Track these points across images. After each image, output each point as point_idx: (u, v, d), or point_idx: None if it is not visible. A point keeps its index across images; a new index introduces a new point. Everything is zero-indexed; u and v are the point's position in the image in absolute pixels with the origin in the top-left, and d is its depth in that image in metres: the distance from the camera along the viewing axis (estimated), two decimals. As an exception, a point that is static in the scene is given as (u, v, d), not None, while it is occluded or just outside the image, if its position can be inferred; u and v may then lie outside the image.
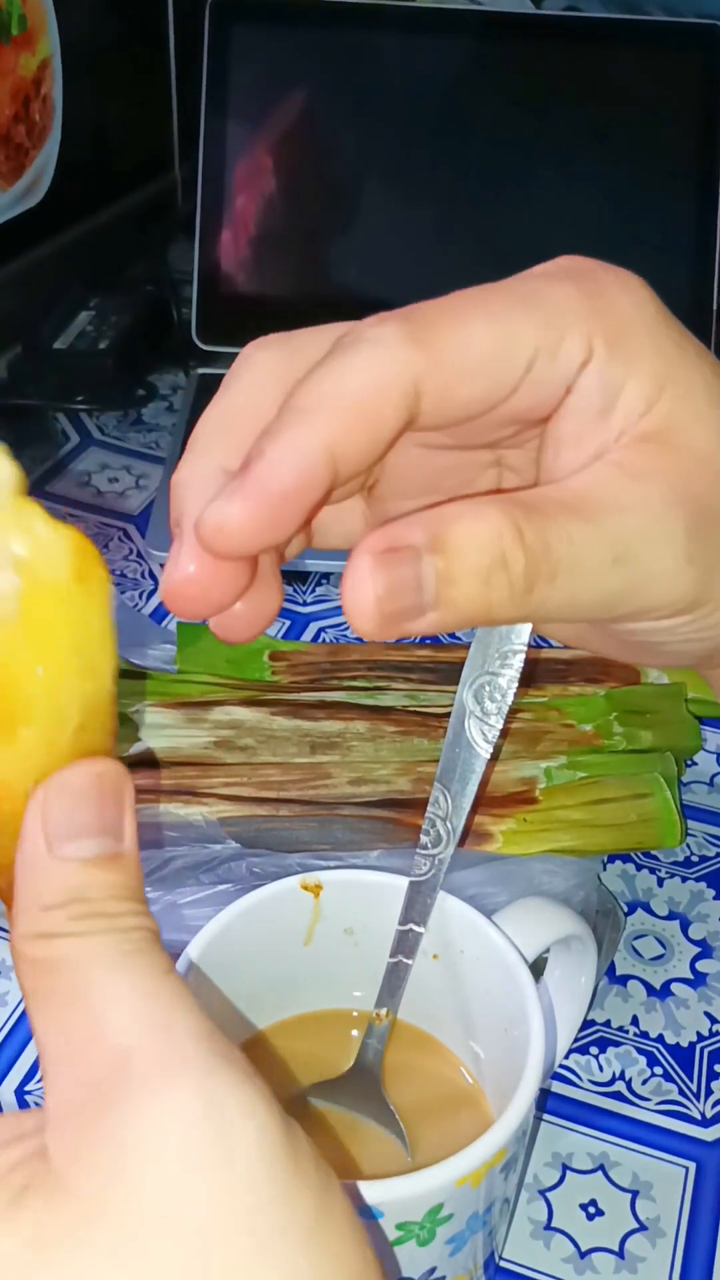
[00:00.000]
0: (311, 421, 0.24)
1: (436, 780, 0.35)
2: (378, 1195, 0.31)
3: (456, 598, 0.25)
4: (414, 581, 0.24)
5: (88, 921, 0.23)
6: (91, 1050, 0.21)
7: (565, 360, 0.26)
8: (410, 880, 0.37)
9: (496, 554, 0.25)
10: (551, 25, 0.82)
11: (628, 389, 0.27)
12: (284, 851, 0.48)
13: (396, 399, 0.25)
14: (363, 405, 0.25)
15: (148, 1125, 0.20)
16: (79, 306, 0.86)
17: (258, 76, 0.79)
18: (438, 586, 0.24)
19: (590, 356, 0.26)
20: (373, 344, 0.25)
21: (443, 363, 0.25)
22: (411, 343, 0.25)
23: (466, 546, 0.24)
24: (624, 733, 0.55)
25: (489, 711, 0.33)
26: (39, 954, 0.22)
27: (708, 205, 0.78)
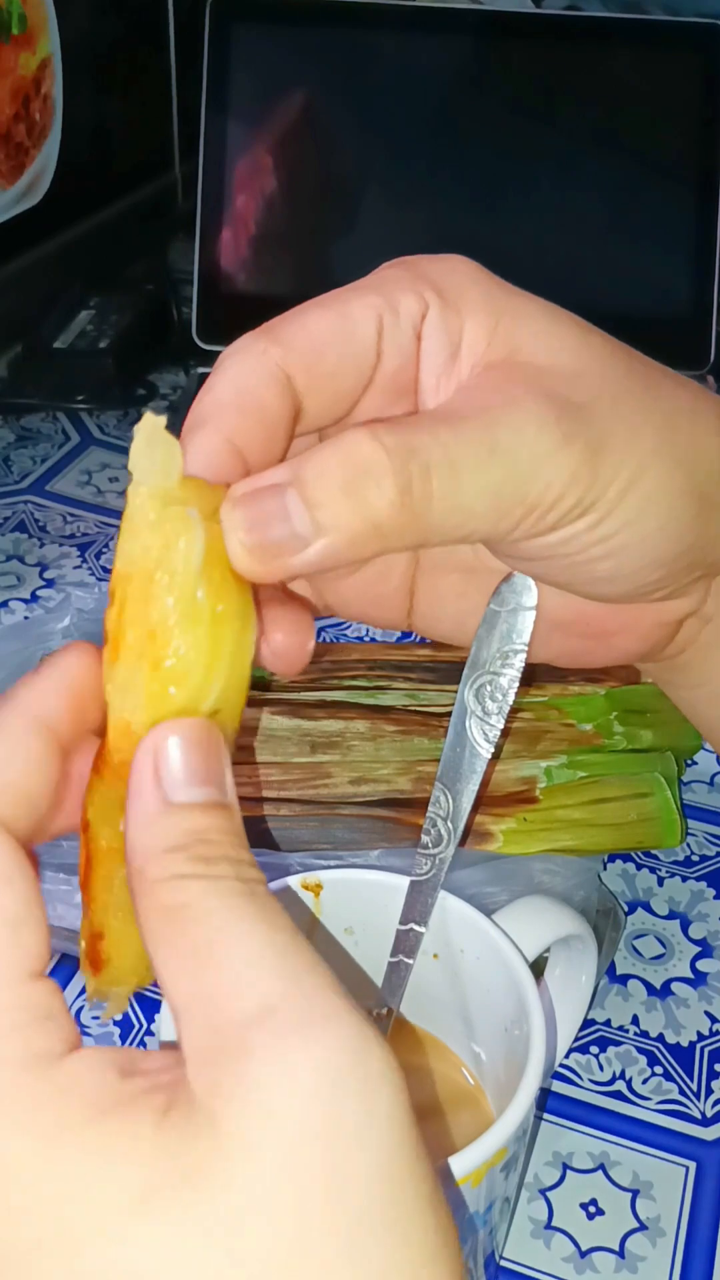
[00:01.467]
0: (204, 427, 0.27)
1: (437, 780, 0.35)
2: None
3: (331, 518, 0.25)
4: (278, 512, 0.25)
5: (214, 865, 0.23)
6: (232, 999, 0.21)
7: (406, 314, 0.29)
8: (411, 880, 0.37)
9: (357, 462, 0.25)
10: (552, 24, 0.82)
11: (467, 329, 0.29)
12: (284, 851, 0.48)
13: (269, 384, 0.27)
14: (241, 398, 0.27)
15: (297, 1069, 0.20)
16: (79, 306, 0.86)
17: (258, 76, 0.79)
18: (310, 514, 0.25)
19: (427, 308, 0.29)
20: (234, 352, 0.28)
21: (295, 346, 0.28)
22: (264, 338, 0.28)
23: (326, 466, 0.25)
24: (624, 732, 0.55)
25: (490, 711, 0.33)
26: (168, 899, 0.22)
27: (708, 205, 0.78)
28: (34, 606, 0.67)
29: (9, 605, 0.67)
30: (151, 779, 0.24)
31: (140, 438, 0.24)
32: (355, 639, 0.66)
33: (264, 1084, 0.20)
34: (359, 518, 0.25)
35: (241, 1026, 0.21)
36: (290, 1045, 0.20)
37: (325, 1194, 0.20)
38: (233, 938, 0.22)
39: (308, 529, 0.25)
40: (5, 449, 0.80)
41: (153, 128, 1.01)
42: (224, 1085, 0.20)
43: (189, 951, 0.22)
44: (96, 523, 0.74)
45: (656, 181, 0.79)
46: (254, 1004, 0.21)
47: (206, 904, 0.22)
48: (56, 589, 0.68)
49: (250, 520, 0.25)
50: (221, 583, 0.25)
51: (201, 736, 0.24)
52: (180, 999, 0.22)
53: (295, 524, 0.25)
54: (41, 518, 0.74)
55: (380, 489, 0.25)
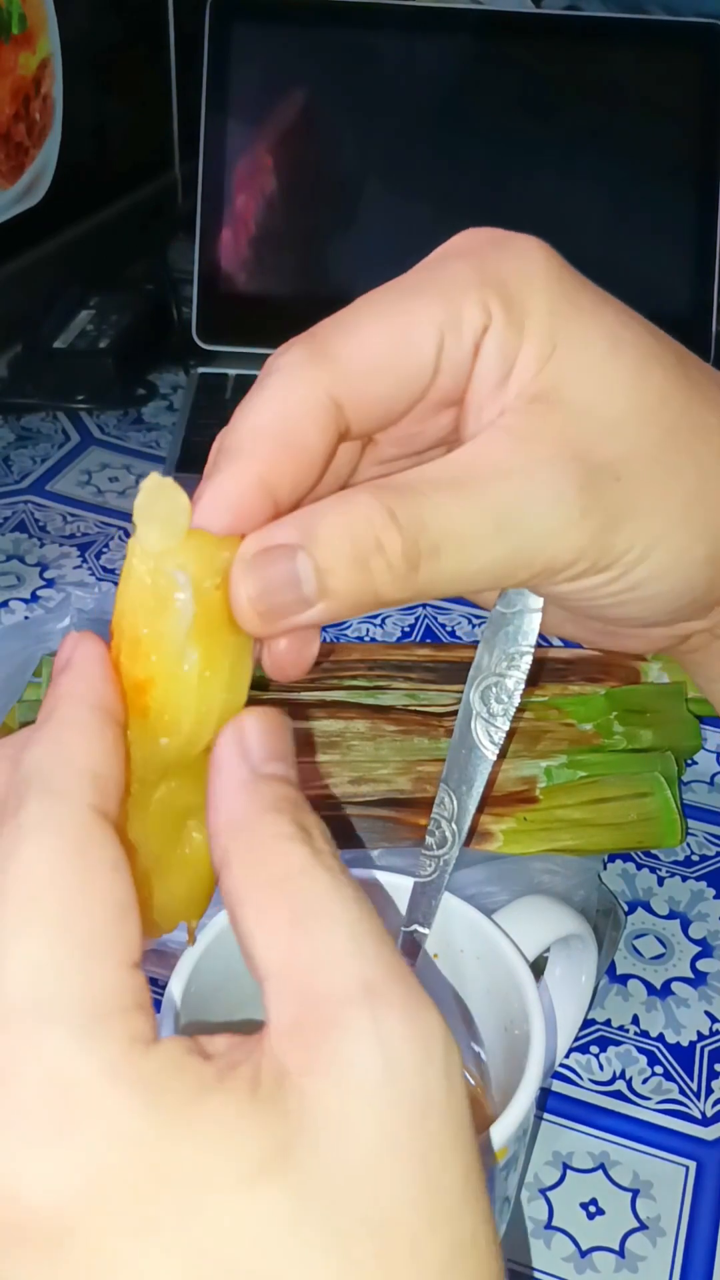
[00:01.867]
0: (240, 460, 0.26)
1: (442, 781, 0.35)
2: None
3: (338, 587, 0.26)
4: (289, 577, 0.25)
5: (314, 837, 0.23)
6: (332, 973, 0.21)
7: (469, 329, 0.27)
8: (415, 881, 0.37)
9: (369, 539, 0.25)
10: (552, 24, 0.82)
11: (523, 352, 0.27)
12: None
13: (315, 417, 0.26)
14: (284, 433, 0.26)
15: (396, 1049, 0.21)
16: (79, 306, 0.86)
17: (258, 76, 0.79)
18: (317, 579, 0.25)
19: (490, 321, 0.27)
20: (280, 373, 0.26)
21: (350, 370, 0.26)
22: (314, 361, 0.26)
23: (338, 536, 0.25)
24: (624, 732, 0.55)
25: (495, 713, 0.33)
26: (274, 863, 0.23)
27: (708, 205, 0.78)
28: (34, 606, 0.67)
29: (9, 605, 0.67)
30: (237, 753, 0.24)
31: (145, 490, 0.24)
32: (355, 639, 0.66)
33: (361, 1064, 0.20)
34: (364, 589, 0.26)
35: (340, 1001, 0.21)
36: (390, 1026, 0.21)
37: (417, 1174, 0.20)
38: (337, 913, 0.22)
39: (314, 593, 0.25)
40: (5, 449, 0.80)
41: (153, 128, 1.01)
42: (319, 1061, 0.21)
43: (288, 918, 0.22)
44: (96, 523, 0.74)
45: (656, 181, 0.79)
46: (355, 980, 0.21)
47: (313, 874, 0.23)
48: (56, 589, 0.68)
49: (262, 585, 0.25)
50: (215, 633, 0.25)
51: (275, 720, 0.25)
52: (273, 965, 0.22)
53: (304, 588, 0.25)
54: (41, 518, 0.74)
55: (389, 565, 0.26)
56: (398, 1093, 0.20)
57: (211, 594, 0.25)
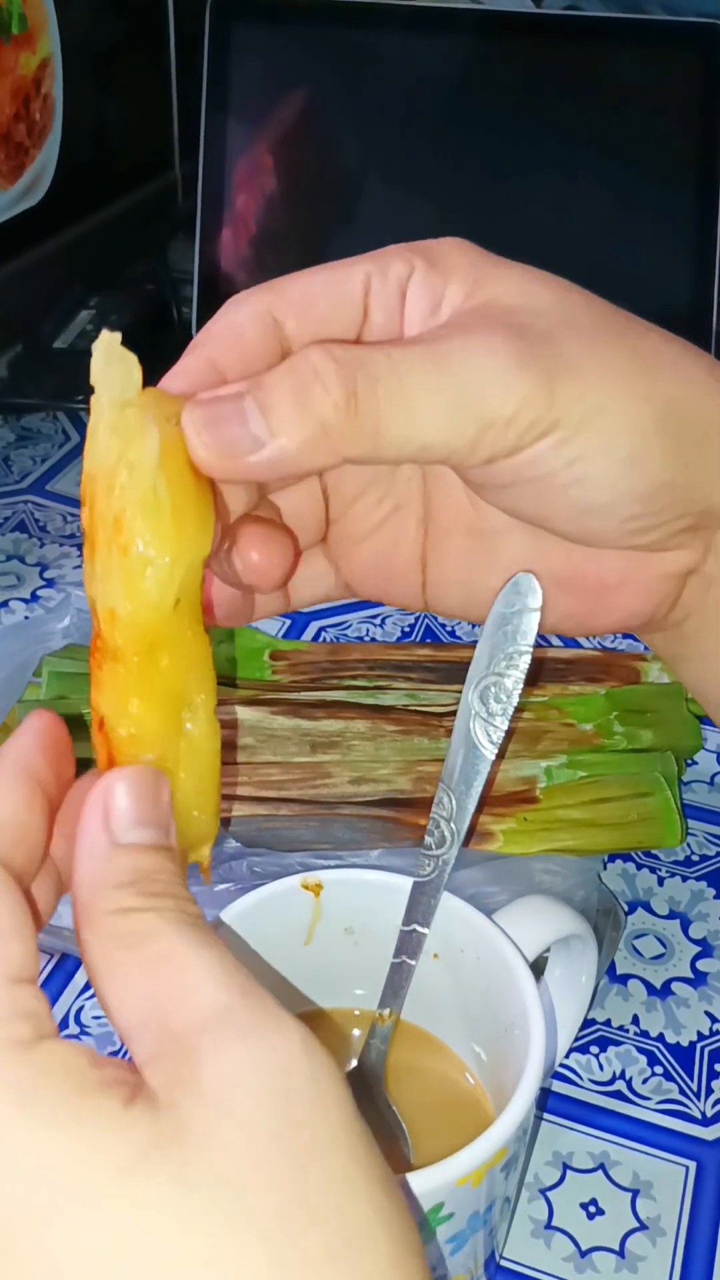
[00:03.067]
0: (193, 351, 0.30)
1: (441, 781, 0.35)
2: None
3: (282, 421, 0.27)
4: (236, 413, 0.27)
5: (160, 900, 0.24)
6: (187, 1006, 0.22)
7: (394, 276, 0.31)
8: (414, 881, 0.37)
9: (307, 370, 0.27)
10: (552, 24, 0.81)
11: (449, 286, 0.31)
12: (284, 851, 0.48)
13: (254, 321, 0.30)
14: (228, 330, 0.30)
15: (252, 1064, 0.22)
16: (79, 306, 0.86)
17: (258, 75, 0.79)
18: (262, 415, 0.27)
19: (413, 270, 0.31)
20: (233, 300, 0.31)
21: (287, 294, 0.30)
22: (260, 288, 0.31)
23: (278, 375, 0.28)
24: (624, 732, 0.55)
25: (494, 713, 0.33)
26: (119, 928, 0.24)
27: (708, 205, 0.78)
28: (34, 606, 0.67)
29: (9, 605, 0.67)
30: (100, 820, 0.26)
31: (99, 354, 0.27)
32: (355, 639, 0.66)
33: (223, 1076, 0.21)
34: (308, 421, 0.27)
35: (198, 1029, 0.22)
36: (247, 1042, 0.22)
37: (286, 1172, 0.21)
38: (186, 952, 0.23)
39: (262, 431, 0.27)
40: (5, 449, 0.80)
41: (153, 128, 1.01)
42: (183, 1079, 0.22)
43: (139, 969, 0.23)
44: (96, 523, 0.74)
45: (656, 181, 0.79)
46: (209, 1008, 0.22)
47: (157, 927, 0.24)
48: (56, 589, 0.68)
49: (208, 418, 0.27)
50: (178, 476, 0.27)
51: (147, 783, 0.26)
52: (132, 1017, 0.23)
53: (251, 426, 0.27)
54: (41, 518, 0.74)
55: (327, 393, 0.27)
56: (259, 1102, 0.21)
57: (171, 430, 0.27)
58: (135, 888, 0.24)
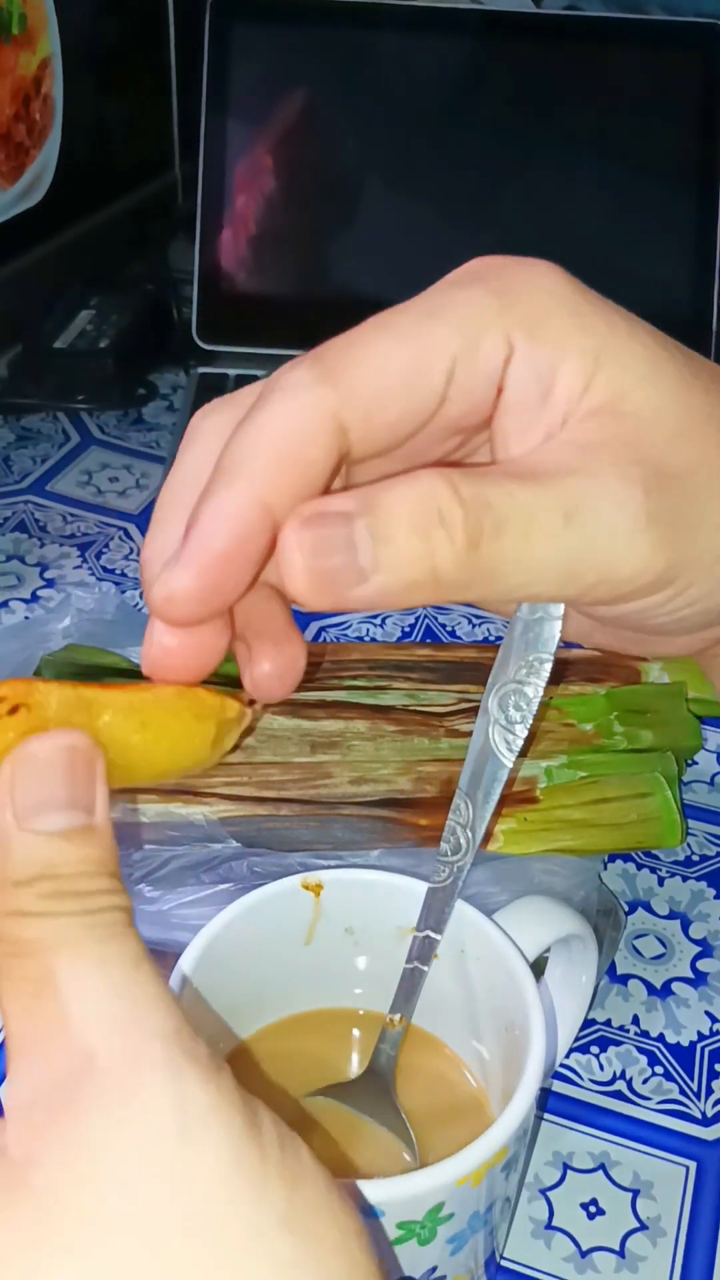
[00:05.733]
0: (239, 479, 0.25)
1: (459, 787, 0.35)
2: (379, 1194, 0.31)
3: (395, 557, 0.24)
4: (344, 541, 0.24)
5: (58, 901, 0.22)
6: (56, 1045, 0.21)
7: (487, 361, 0.26)
8: (429, 887, 0.37)
9: (431, 508, 0.24)
10: (552, 24, 0.82)
11: (562, 371, 0.26)
12: (284, 851, 0.48)
13: (320, 439, 0.25)
14: (287, 453, 0.25)
15: (111, 1128, 0.20)
16: (79, 306, 0.86)
17: (258, 76, 0.79)
18: (374, 547, 0.24)
19: (513, 351, 0.26)
20: (286, 390, 0.25)
21: (358, 393, 0.25)
22: (323, 381, 0.25)
23: (399, 504, 0.24)
24: (624, 732, 0.55)
25: (514, 720, 0.33)
26: (10, 932, 0.22)
27: (708, 205, 0.78)
28: (34, 606, 0.67)
29: (9, 605, 0.67)
30: (7, 799, 0.23)
31: None
32: (355, 639, 0.66)
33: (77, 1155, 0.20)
34: (422, 561, 0.24)
35: (62, 1082, 0.21)
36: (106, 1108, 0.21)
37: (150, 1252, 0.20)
38: (63, 976, 0.22)
39: (369, 563, 0.24)
40: (5, 449, 0.80)
41: (153, 128, 1.01)
42: (38, 1158, 0.20)
43: (25, 988, 0.22)
44: (96, 523, 0.74)
45: (656, 181, 0.79)
46: (77, 1053, 0.21)
47: (45, 942, 0.22)
48: (56, 589, 0.68)
49: (317, 544, 0.24)
50: None
51: (57, 758, 0.23)
52: (16, 1042, 0.22)
53: (359, 556, 0.24)
54: (41, 518, 0.74)
55: (449, 540, 0.24)
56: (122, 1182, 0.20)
57: None
58: (35, 887, 0.22)
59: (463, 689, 0.56)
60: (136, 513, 0.75)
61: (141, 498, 0.76)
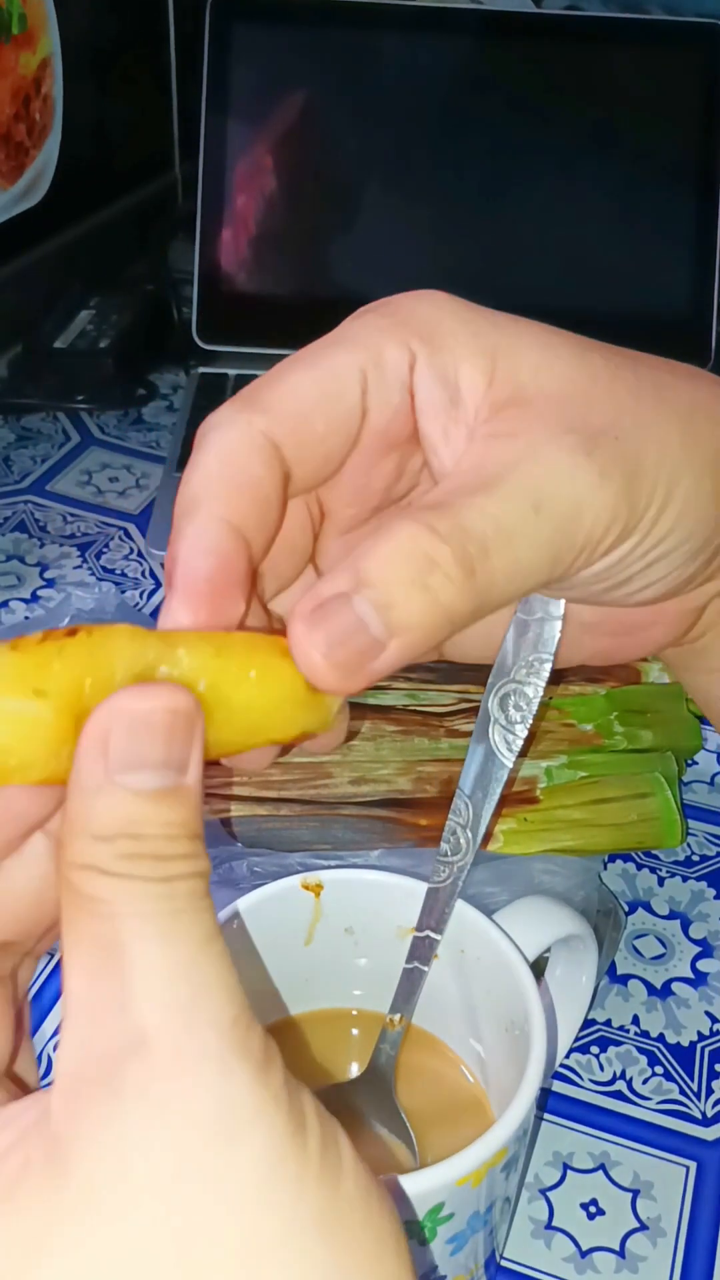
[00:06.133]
0: (199, 510, 0.26)
1: (459, 787, 0.35)
2: (379, 1194, 0.31)
3: (407, 618, 0.25)
4: (356, 624, 0.25)
5: (136, 864, 0.22)
6: (112, 1017, 0.21)
7: (393, 369, 0.28)
8: (429, 887, 0.37)
9: (420, 557, 0.25)
10: (552, 24, 0.82)
11: (463, 371, 0.28)
12: (284, 851, 0.48)
13: (257, 456, 0.27)
14: (231, 474, 0.26)
15: (153, 1120, 0.20)
16: (79, 306, 0.86)
17: (258, 76, 0.79)
18: (382, 616, 0.25)
19: (414, 358, 0.28)
20: (217, 427, 0.27)
21: (282, 414, 0.27)
22: (247, 409, 0.27)
23: (389, 567, 0.25)
24: (624, 732, 0.55)
25: (514, 720, 0.33)
26: (84, 887, 0.22)
27: (708, 205, 0.78)
28: (34, 606, 0.67)
29: (9, 605, 0.67)
30: (100, 749, 0.22)
31: None
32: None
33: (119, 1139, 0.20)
34: (432, 610, 0.25)
35: (113, 1058, 0.21)
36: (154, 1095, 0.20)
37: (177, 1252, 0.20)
38: (131, 946, 0.21)
39: (383, 632, 0.25)
40: (5, 449, 0.80)
41: (153, 128, 1.01)
42: (81, 1135, 0.20)
43: (91, 949, 0.22)
44: (96, 523, 0.74)
45: (656, 181, 0.79)
46: (131, 1031, 0.21)
47: (117, 905, 0.21)
48: (56, 589, 0.68)
49: (330, 636, 0.25)
50: None
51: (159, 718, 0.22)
52: (73, 1001, 0.22)
53: (372, 630, 0.25)
54: (41, 518, 0.74)
55: (447, 577, 0.25)
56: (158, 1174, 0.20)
57: None
58: (114, 846, 0.22)
59: (463, 689, 0.56)
60: (136, 513, 0.75)
61: (141, 498, 0.76)
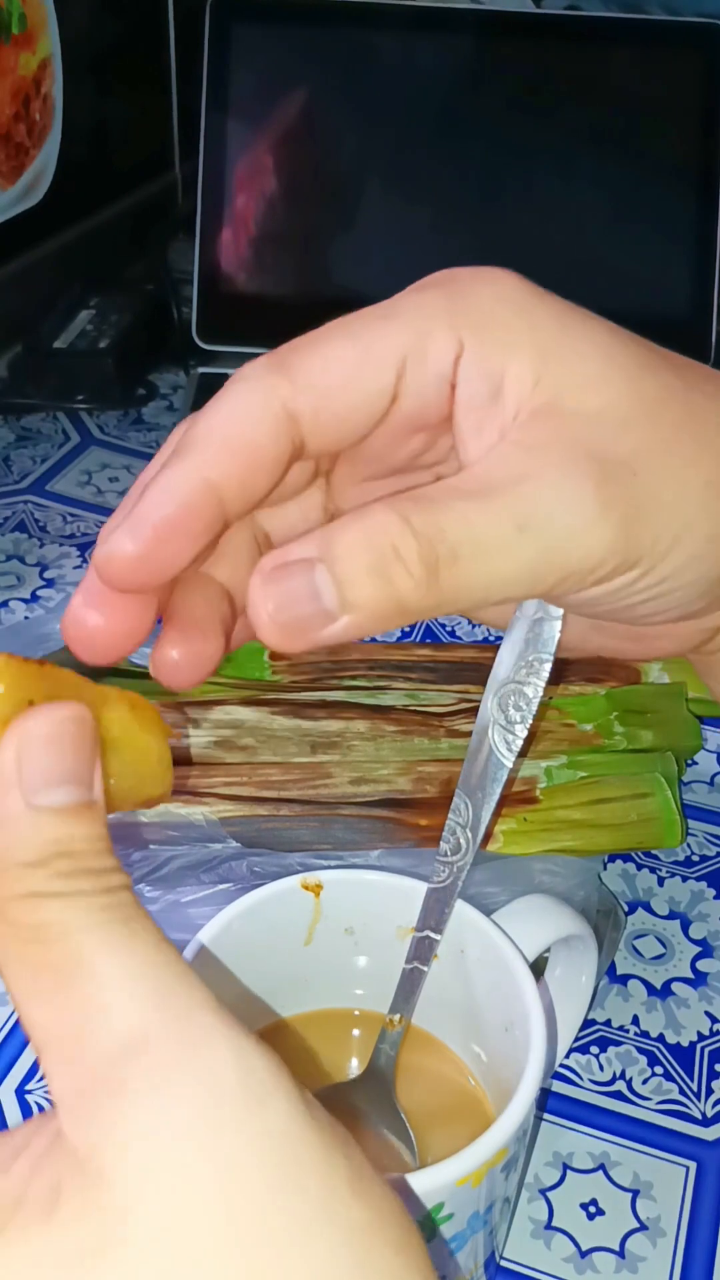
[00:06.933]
0: (189, 459, 0.26)
1: (458, 788, 0.35)
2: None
3: (359, 598, 0.25)
4: (308, 590, 0.25)
5: (75, 880, 0.22)
6: (97, 1030, 0.21)
7: (436, 359, 0.27)
8: (428, 887, 0.37)
9: (386, 546, 0.25)
10: (552, 24, 0.82)
11: (510, 369, 0.27)
12: (284, 851, 0.48)
13: (267, 425, 0.26)
14: (234, 434, 0.26)
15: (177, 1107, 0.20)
16: (79, 306, 0.86)
17: (258, 76, 0.79)
18: (336, 590, 0.25)
19: (462, 349, 0.27)
20: (241, 380, 0.27)
21: (308, 383, 0.27)
22: (276, 372, 0.27)
23: (354, 546, 0.25)
24: (624, 732, 0.55)
25: (514, 720, 0.33)
26: (25, 918, 0.21)
27: (708, 205, 0.78)
28: (34, 606, 0.67)
29: (9, 605, 0.67)
30: (12, 776, 0.22)
31: None
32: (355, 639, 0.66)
33: (145, 1132, 0.20)
34: (385, 597, 0.25)
35: (113, 1062, 0.20)
36: (168, 1080, 0.20)
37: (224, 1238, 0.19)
38: (96, 958, 0.21)
39: (335, 605, 0.25)
40: (5, 449, 0.80)
41: (153, 128, 1.01)
42: (103, 1141, 0.20)
43: (49, 976, 0.21)
44: (96, 523, 0.74)
45: (656, 181, 0.79)
46: (124, 1033, 0.20)
47: (65, 923, 0.21)
48: (56, 589, 0.68)
49: (281, 597, 0.25)
50: None
51: (60, 732, 0.23)
52: (43, 1032, 0.21)
53: (324, 601, 0.25)
54: (41, 518, 0.74)
55: (408, 571, 0.25)
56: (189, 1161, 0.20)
57: None
58: (49, 867, 0.21)
59: (463, 689, 0.56)
60: (136, 513, 0.75)
61: (141, 498, 0.76)
